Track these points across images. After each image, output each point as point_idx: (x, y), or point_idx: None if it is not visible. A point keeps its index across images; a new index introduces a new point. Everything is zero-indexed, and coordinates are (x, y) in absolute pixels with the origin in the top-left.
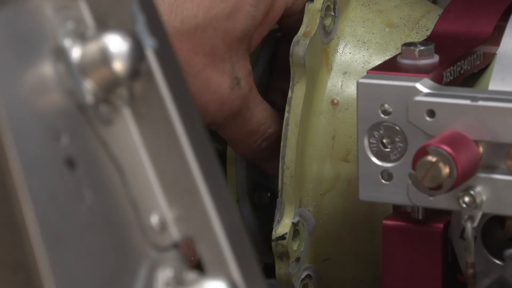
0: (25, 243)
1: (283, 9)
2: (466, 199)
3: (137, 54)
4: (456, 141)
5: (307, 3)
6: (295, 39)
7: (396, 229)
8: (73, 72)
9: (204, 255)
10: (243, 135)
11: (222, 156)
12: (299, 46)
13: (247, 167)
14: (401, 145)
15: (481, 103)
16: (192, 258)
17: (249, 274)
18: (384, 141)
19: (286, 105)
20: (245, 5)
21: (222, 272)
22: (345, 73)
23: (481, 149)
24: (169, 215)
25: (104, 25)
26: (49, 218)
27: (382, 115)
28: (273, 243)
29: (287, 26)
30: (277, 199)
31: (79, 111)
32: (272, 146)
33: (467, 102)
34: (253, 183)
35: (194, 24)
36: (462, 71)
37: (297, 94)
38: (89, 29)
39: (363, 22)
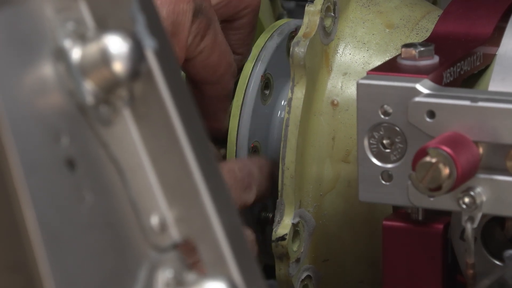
0: (25, 244)
1: None
2: (466, 200)
3: (137, 55)
4: (456, 142)
5: (307, 4)
6: (295, 40)
7: (396, 230)
8: (73, 73)
9: (204, 256)
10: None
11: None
12: (299, 47)
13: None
14: (401, 146)
15: (481, 104)
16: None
17: (249, 275)
18: (384, 142)
19: (286, 105)
20: None
21: (222, 273)
22: (345, 74)
23: (481, 150)
24: (169, 216)
25: (104, 26)
26: (49, 219)
27: (382, 116)
28: (273, 244)
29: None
30: (277, 200)
31: (79, 112)
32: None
33: (467, 103)
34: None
35: None
36: (462, 72)
37: (297, 95)
38: (89, 30)
39: (363, 23)
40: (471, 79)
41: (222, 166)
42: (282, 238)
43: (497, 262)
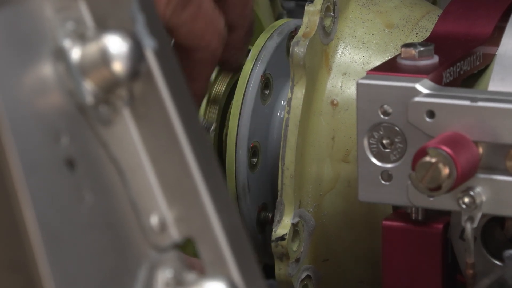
0: (25, 244)
1: None
2: (466, 199)
3: (136, 55)
4: (455, 141)
5: (307, 4)
6: (294, 39)
7: (396, 230)
8: (73, 73)
9: (204, 256)
10: None
11: (221, 156)
12: (299, 46)
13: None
14: (400, 145)
15: (480, 103)
16: None
17: (249, 275)
18: (384, 141)
19: (286, 105)
20: None
21: (222, 273)
22: (345, 73)
23: (480, 150)
24: (169, 216)
25: (104, 25)
26: (49, 219)
27: (382, 116)
28: (272, 244)
29: None
30: (277, 200)
31: (79, 111)
32: None
33: (467, 102)
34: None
35: None
36: (461, 72)
37: (296, 94)
38: (89, 29)
39: (363, 23)
40: (471, 79)
41: None
42: (282, 238)
43: (497, 262)
